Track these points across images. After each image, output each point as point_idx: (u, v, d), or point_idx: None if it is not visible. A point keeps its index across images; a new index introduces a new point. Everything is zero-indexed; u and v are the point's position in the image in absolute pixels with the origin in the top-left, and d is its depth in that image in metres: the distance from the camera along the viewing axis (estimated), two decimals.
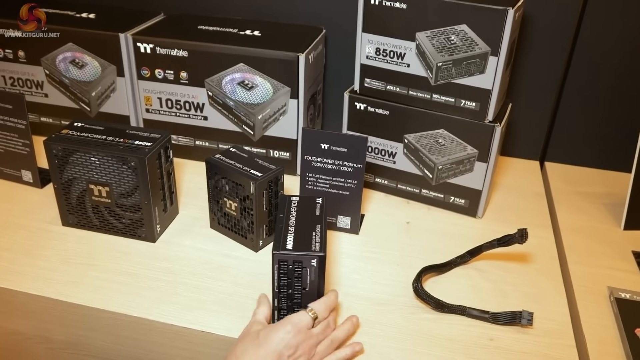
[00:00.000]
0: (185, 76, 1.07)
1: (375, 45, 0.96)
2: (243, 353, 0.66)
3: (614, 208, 1.05)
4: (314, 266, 0.71)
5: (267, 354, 0.66)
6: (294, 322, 0.69)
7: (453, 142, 0.97)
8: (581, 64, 1.11)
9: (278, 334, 0.67)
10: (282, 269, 0.71)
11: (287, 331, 0.68)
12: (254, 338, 0.68)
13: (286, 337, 0.67)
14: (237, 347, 0.68)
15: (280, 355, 0.66)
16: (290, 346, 0.67)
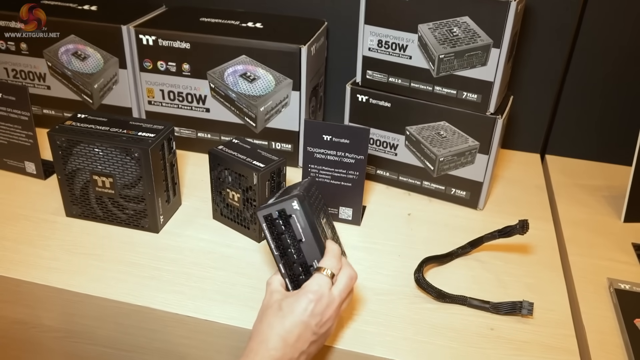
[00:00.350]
0: (188, 68, 1.08)
1: (377, 37, 0.97)
2: (270, 327, 0.64)
3: (614, 200, 1.06)
4: (298, 210, 0.69)
5: (294, 325, 0.63)
6: (314, 289, 0.65)
7: (454, 134, 0.98)
8: (582, 56, 1.11)
9: (301, 304, 0.64)
10: (270, 227, 0.70)
11: (310, 300, 0.65)
12: (276, 310, 0.65)
13: (309, 306, 0.64)
14: (262, 322, 0.65)
15: (307, 326, 0.64)
16: (315, 314, 0.64)
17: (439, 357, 0.72)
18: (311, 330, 0.65)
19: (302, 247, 0.71)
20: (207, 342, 0.78)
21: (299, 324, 0.64)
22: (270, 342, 0.63)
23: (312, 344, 0.65)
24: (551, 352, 0.73)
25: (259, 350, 0.63)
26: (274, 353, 0.62)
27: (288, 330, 0.63)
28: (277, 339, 0.63)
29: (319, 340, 0.67)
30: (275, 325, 0.64)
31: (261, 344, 0.63)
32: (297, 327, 0.64)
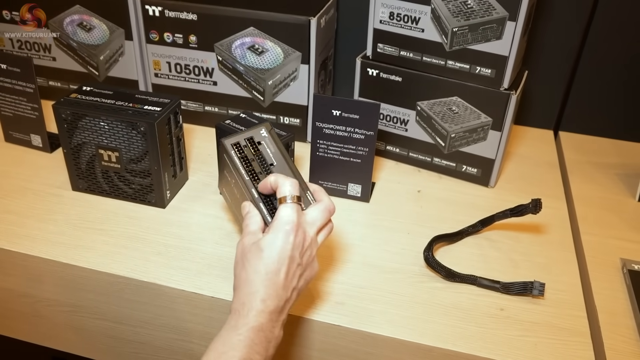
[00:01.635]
0: (195, 40, 1.06)
1: (389, 9, 0.94)
2: (255, 273, 0.60)
3: (628, 179, 1.04)
4: (267, 136, 0.68)
5: (280, 263, 0.60)
6: (286, 220, 0.61)
7: (467, 110, 0.95)
8: (600, 30, 1.08)
9: (279, 237, 0.61)
10: (240, 154, 0.68)
11: (287, 232, 0.61)
12: (257, 251, 0.61)
13: (289, 237, 0.61)
14: (246, 268, 0.61)
15: (292, 259, 0.61)
16: (297, 245, 0.61)
17: (447, 337, 0.71)
18: (296, 262, 0.61)
19: (274, 171, 0.68)
20: (212, 319, 0.78)
21: (284, 258, 0.60)
22: (262, 291, 0.59)
23: (300, 278, 0.63)
24: (562, 333, 0.72)
25: (252, 304, 0.59)
26: (269, 303, 0.59)
27: (276, 270, 0.60)
28: (268, 285, 0.59)
29: (306, 272, 0.64)
30: (261, 269, 0.60)
31: (252, 296, 0.59)
32: (284, 264, 0.60)
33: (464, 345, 0.70)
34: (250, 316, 0.58)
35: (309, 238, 0.63)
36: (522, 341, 0.71)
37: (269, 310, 0.59)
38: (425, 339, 0.71)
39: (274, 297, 0.59)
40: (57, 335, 0.90)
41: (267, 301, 0.59)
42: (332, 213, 0.67)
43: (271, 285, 0.59)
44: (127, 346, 0.87)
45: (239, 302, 0.60)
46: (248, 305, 0.59)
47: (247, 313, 0.58)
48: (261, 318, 0.58)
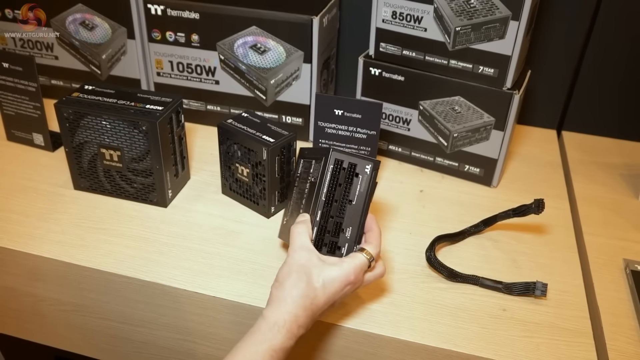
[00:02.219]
0: (197, 39, 1.05)
1: (391, 8, 0.94)
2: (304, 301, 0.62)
3: (631, 179, 1.03)
4: (367, 174, 0.69)
5: (325, 303, 0.64)
6: (356, 272, 0.65)
7: (469, 110, 0.95)
8: (603, 30, 1.07)
9: (339, 283, 0.64)
10: (335, 172, 0.69)
11: (348, 282, 0.65)
12: (315, 284, 0.63)
13: (345, 287, 0.65)
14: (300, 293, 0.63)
15: (333, 304, 0.66)
16: (345, 295, 0.66)
17: (450, 337, 0.71)
18: (337, 302, 0.67)
19: (347, 208, 0.69)
20: (214, 319, 0.78)
21: (330, 300, 0.64)
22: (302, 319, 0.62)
23: (326, 310, 0.67)
24: (564, 334, 0.72)
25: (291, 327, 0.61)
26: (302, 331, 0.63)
27: (321, 307, 0.64)
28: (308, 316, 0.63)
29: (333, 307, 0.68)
30: (312, 301, 0.63)
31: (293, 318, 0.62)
32: (328, 304, 0.65)
33: (467, 346, 0.70)
34: (286, 337, 0.61)
35: (353, 287, 0.67)
36: (524, 342, 0.71)
37: (299, 334, 0.63)
38: (427, 340, 0.71)
39: (307, 325, 0.64)
40: (59, 335, 0.90)
41: (301, 328, 0.63)
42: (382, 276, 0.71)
43: (310, 316, 0.63)
44: (129, 345, 0.87)
45: (279, 318, 0.62)
46: (287, 326, 0.61)
47: (285, 333, 0.61)
48: (292, 342, 0.62)
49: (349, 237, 0.70)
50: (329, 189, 0.69)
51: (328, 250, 0.70)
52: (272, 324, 0.61)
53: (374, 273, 0.69)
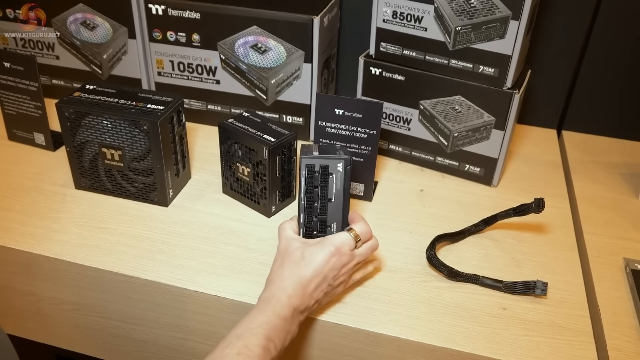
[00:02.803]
0: (198, 39, 1.06)
1: (392, 7, 0.94)
2: (291, 274, 0.68)
3: (631, 178, 1.03)
4: (340, 172, 0.72)
5: (315, 275, 0.68)
6: (336, 244, 0.70)
7: (470, 109, 0.95)
8: (604, 29, 1.08)
9: (323, 255, 0.69)
10: (309, 176, 0.72)
11: (331, 253, 0.69)
12: (299, 258, 0.69)
13: (331, 259, 0.69)
14: (284, 268, 0.69)
15: (325, 277, 0.68)
16: (334, 268, 0.69)
17: (450, 336, 0.71)
18: (327, 282, 0.69)
19: (328, 206, 0.74)
20: (215, 318, 0.78)
21: (319, 274, 0.68)
22: (291, 289, 0.67)
23: (325, 295, 0.71)
24: (564, 333, 0.72)
25: (280, 297, 0.66)
26: (294, 301, 0.66)
27: (309, 279, 0.68)
28: (297, 287, 0.67)
29: (331, 292, 0.72)
30: (297, 273, 0.68)
31: (282, 290, 0.67)
32: (317, 277, 0.68)
33: (467, 345, 0.70)
34: (278, 306, 0.66)
35: (346, 269, 0.71)
36: (525, 341, 0.71)
37: (293, 306, 0.66)
38: (428, 339, 0.71)
39: (300, 297, 0.67)
40: (60, 334, 0.91)
41: (293, 299, 0.67)
42: (376, 249, 0.75)
43: (300, 289, 0.67)
44: (130, 344, 0.87)
45: (270, 293, 0.67)
46: (277, 297, 0.66)
47: (275, 303, 0.66)
48: (286, 310, 0.66)
49: (335, 231, 0.75)
50: (307, 193, 0.73)
51: None
52: (263, 300, 0.67)
53: (367, 245, 0.73)
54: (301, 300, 0.67)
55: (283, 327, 0.65)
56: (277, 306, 0.66)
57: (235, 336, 0.63)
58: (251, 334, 0.62)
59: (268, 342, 0.63)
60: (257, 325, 0.64)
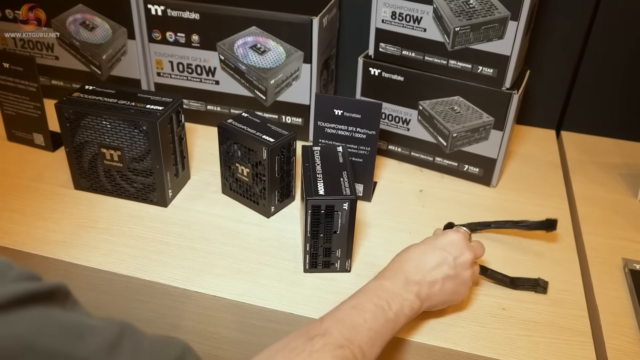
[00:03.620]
0: (197, 39, 1.06)
1: (391, 8, 0.94)
2: (408, 256, 0.70)
3: (630, 179, 1.04)
4: (346, 210, 0.74)
5: (432, 252, 0.70)
6: (452, 233, 0.73)
7: (469, 110, 0.95)
8: (602, 30, 1.08)
9: (439, 239, 0.72)
10: (314, 214, 0.74)
11: (448, 240, 0.71)
12: (417, 244, 0.72)
13: (446, 241, 0.71)
14: (406, 252, 0.72)
15: (443, 257, 0.69)
16: (451, 251, 0.70)
17: (449, 336, 0.71)
18: (449, 263, 0.69)
19: (333, 237, 0.77)
20: (214, 318, 0.78)
21: (437, 250, 0.70)
22: (405, 263, 0.69)
23: (448, 279, 0.69)
24: (563, 332, 0.72)
25: (394, 267, 0.69)
26: (408, 269, 0.68)
27: (425, 254, 0.70)
28: (410, 260, 0.69)
29: (455, 281, 0.70)
30: (413, 252, 0.71)
31: (397, 263, 0.70)
32: (435, 255, 0.70)
33: (466, 345, 0.70)
34: (388, 273, 0.69)
35: (464, 258, 0.71)
36: (524, 340, 0.71)
37: (406, 274, 0.68)
38: (426, 338, 0.71)
39: (413, 267, 0.69)
40: None
41: (406, 266, 0.69)
42: (482, 254, 0.76)
43: (415, 265, 0.69)
44: None
45: (388, 270, 0.70)
46: (392, 269, 0.69)
47: (389, 272, 0.69)
48: (397, 277, 0.68)
49: (340, 255, 0.79)
50: (312, 227, 0.76)
51: (323, 267, 0.79)
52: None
53: (476, 244, 0.75)
54: (415, 269, 0.68)
55: (395, 292, 0.65)
56: (387, 273, 0.68)
57: (348, 299, 0.65)
58: (363, 295, 0.65)
59: (381, 301, 0.64)
60: (369, 288, 0.66)
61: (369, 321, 0.61)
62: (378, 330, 0.61)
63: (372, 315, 0.62)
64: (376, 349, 0.61)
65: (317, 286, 0.78)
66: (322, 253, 0.78)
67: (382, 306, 0.63)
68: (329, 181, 0.77)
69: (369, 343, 0.60)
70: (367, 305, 0.63)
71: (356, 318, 0.61)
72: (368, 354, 0.59)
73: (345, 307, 0.63)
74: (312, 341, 0.56)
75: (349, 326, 0.60)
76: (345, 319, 0.61)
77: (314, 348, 0.55)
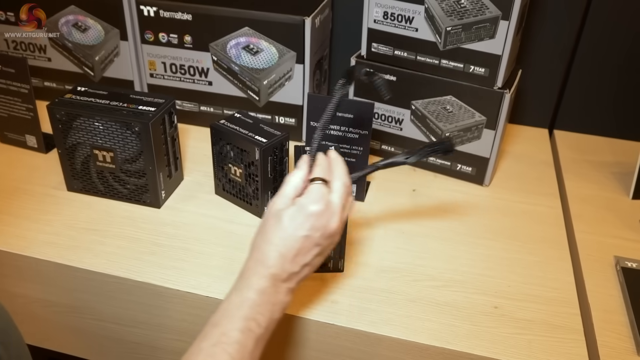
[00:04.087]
0: (190, 40, 1.06)
1: (383, 8, 0.94)
2: (268, 243, 0.62)
3: (623, 177, 1.04)
4: None
5: (294, 240, 0.61)
6: (314, 199, 0.62)
7: (461, 109, 0.96)
8: (594, 28, 1.08)
9: (300, 217, 0.61)
10: None
11: (310, 214, 0.61)
12: (276, 222, 0.62)
13: (310, 220, 0.61)
14: (262, 236, 0.63)
15: (309, 239, 0.61)
16: (318, 227, 0.61)
17: (442, 335, 0.71)
18: (314, 242, 0.62)
19: None
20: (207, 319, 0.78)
21: (299, 238, 0.61)
22: (269, 260, 0.61)
23: (316, 256, 0.63)
24: (555, 330, 0.73)
25: (257, 269, 0.61)
26: (273, 270, 0.61)
27: (288, 246, 0.61)
28: (275, 256, 0.61)
29: (325, 250, 0.65)
30: (274, 241, 0.62)
31: (258, 262, 0.62)
32: (298, 242, 0.61)
33: (459, 344, 0.70)
34: (253, 280, 0.61)
35: (335, 221, 0.63)
36: (516, 339, 0.71)
37: (273, 276, 0.61)
38: (420, 338, 0.71)
39: (279, 266, 0.61)
40: (52, 336, 0.90)
41: (272, 269, 0.61)
42: (350, 185, 0.67)
43: (279, 257, 0.61)
44: (123, 346, 0.87)
45: (247, 267, 0.63)
46: (253, 270, 0.62)
47: (251, 277, 0.61)
48: (263, 282, 0.61)
49: (333, 255, 0.78)
50: None
51: None
52: (240, 276, 0.63)
53: (339, 187, 0.64)
54: (281, 268, 0.61)
55: (264, 301, 0.60)
56: (252, 280, 0.61)
57: (212, 324, 0.59)
58: (228, 319, 0.59)
59: (248, 322, 0.58)
60: (233, 307, 0.60)
61: (236, 355, 0.57)
62: (249, 354, 0.58)
63: (239, 347, 0.57)
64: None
65: (311, 286, 0.78)
66: None
67: (249, 327, 0.59)
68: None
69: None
70: (231, 335, 0.58)
71: (220, 356, 0.56)
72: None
73: (207, 344, 0.58)
74: None
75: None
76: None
77: None
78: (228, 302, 0.61)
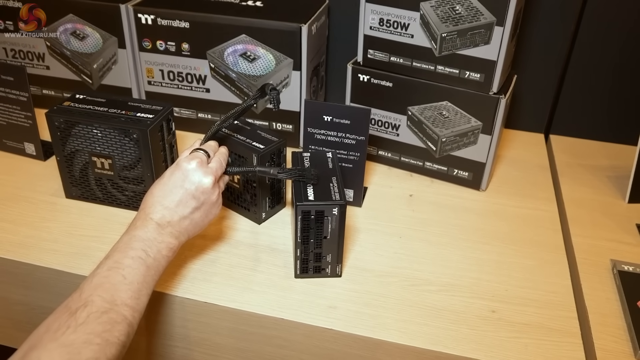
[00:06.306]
0: (187, 48, 1.06)
1: (378, 15, 0.95)
2: (151, 195, 0.72)
3: (618, 181, 1.05)
4: (335, 215, 0.75)
5: (171, 188, 0.72)
6: (188, 158, 0.74)
7: (457, 115, 0.96)
8: (588, 34, 1.09)
9: (176, 170, 0.73)
10: (305, 220, 0.75)
11: (185, 168, 0.73)
12: (159, 179, 0.74)
13: (184, 172, 0.73)
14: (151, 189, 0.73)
15: (186, 191, 0.72)
16: (192, 181, 0.73)
17: (439, 339, 0.72)
18: (190, 194, 0.72)
19: (323, 242, 0.77)
20: (207, 325, 0.78)
21: (175, 189, 0.72)
22: (150, 208, 0.71)
23: (195, 210, 0.73)
24: (553, 334, 0.73)
25: (141, 216, 0.71)
26: (154, 216, 0.70)
27: (167, 196, 0.71)
28: (154, 203, 0.71)
29: (204, 206, 0.74)
30: (155, 193, 0.72)
31: (142, 212, 0.71)
32: (174, 193, 0.72)
33: (456, 348, 0.71)
34: (138, 224, 0.70)
35: (208, 181, 0.73)
36: (513, 343, 0.72)
37: (153, 219, 0.70)
38: (417, 342, 0.71)
39: (159, 212, 0.71)
40: None
41: (153, 214, 0.70)
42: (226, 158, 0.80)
43: (158, 204, 0.71)
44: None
45: (135, 218, 0.71)
46: (139, 217, 0.71)
47: (136, 222, 0.70)
48: (147, 224, 0.69)
49: (330, 260, 0.79)
50: (303, 233, 0.76)
51: (314, 272, 0.80)
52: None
53: (217, 159, 0.77)
54: (161, 214, 0.70)
55: (149, 238, 0.68)
56: (137, 224, 0.69)
57: (105, 258, 0.66)
58: (118, 252, 0.66)
59: (137, 251, 0.66)
60: (122, 244, 0.67)
61: (129, 276, 0.63)
62: (141, 281, 0.64)
63: (131, 270, 0.64)
64: (144, 298, 0.65)
65: (308, 291, 0.78)
66: (312, 258, 0.79)
67: (140, 256, 0.66)
68: (319, 187, 0.77)
69: (133, 297, 0.63)
70: (123, 262, 0.64)
71: (114, 278, 0.63)
72: (136, 307, 0.63)
73: (101, 270, 0.64)
74: (75, 315, 0.58)
75: (109, 289, 0.61)
76: (104, 282, 0.62)
77: (78, 322, 0.57)
78: (118, 241, 0.68)
